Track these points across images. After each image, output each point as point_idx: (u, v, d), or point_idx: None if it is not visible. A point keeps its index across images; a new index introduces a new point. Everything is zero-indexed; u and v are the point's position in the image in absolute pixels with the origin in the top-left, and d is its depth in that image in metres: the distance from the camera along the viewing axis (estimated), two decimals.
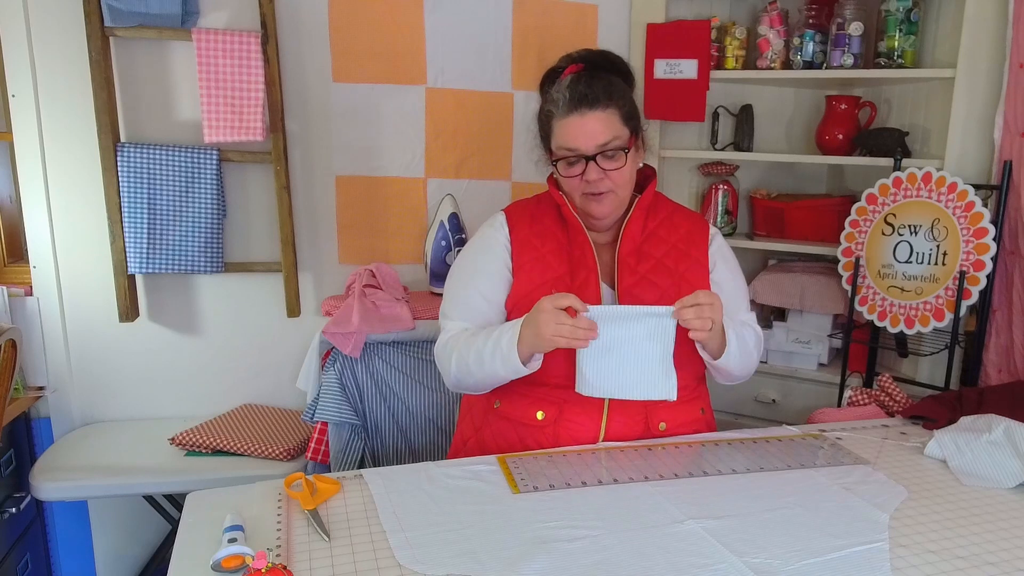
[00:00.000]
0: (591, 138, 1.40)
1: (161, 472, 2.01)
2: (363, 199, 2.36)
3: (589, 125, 1.40)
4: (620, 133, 1.42)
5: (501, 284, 1.51)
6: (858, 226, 2.17)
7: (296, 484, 1.24)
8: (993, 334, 2.01)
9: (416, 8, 2.29)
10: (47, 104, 2.11)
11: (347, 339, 1.94)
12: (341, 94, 2.28)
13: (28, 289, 2.18)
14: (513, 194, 2.45)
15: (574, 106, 1.40)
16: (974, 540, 1.14)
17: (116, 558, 2.37)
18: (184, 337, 2.33)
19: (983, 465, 1.37)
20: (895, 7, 2.15)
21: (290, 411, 2.35)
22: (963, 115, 2.04)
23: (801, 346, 2.39)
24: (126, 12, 2.02)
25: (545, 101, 1.49)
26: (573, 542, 1.11)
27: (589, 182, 1.42)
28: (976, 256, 1.94)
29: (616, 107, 1.42)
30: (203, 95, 2.08)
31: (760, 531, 1.15)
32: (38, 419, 2.25)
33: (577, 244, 1.51)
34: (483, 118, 2.40)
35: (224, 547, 1.05)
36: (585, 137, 1.40)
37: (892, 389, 1.81)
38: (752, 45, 2.42)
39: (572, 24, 2.42)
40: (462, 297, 1.52)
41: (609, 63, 1.49)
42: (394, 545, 1.09)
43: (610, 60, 1.50)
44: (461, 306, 1.51)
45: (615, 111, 1.42)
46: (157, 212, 2.13)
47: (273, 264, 2.26)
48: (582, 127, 1.40)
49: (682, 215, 1.59)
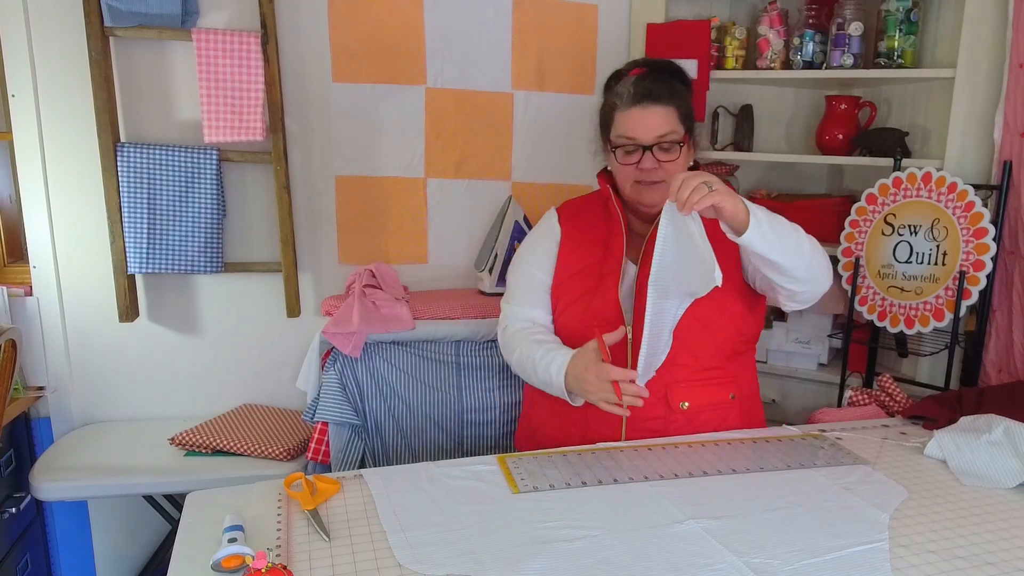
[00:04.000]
0: (650, 129, 1.50)
1: (161, 472, 2.01)
2: (363, 199, 2.36)
3: (649, 117, 1.50)
4: (677, 128, 1.52)
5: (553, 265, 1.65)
6: (858, 226, 2.17)
7: (296, 484, 1.24)
8: (993, 334, 2.01)
9: (416, 8, 2.29)
10: (47, 104, 2.11)
11: (347, 339, 1.94)
12: (341, 94, 2.28)
13: (28, 289, 2.18)
14: (513, 194, 2.44)
15: (637, 99, 1.51)
16: (974, 540, 1.14)
17: (116, 558, 2.37)
18: (184, 337, 2.33)
19: (983, 465, 1.37)
20: (895, 7, 2.15)
21: (290, 411, 2.35)
22: (963, 115, 2.04)
23: (801, 346, 2.39)
24: (126, 12, 2.02)
25: (609, 95, 1.60)
26: (573, 542, 1.11)
27: (643, 170, 1.52)
28: (976, 256, 1.94)
29: (675, 106, 1.52)
30: (203, 95, 2.08)
31: (760, 531, 1.15)
32: (38, 419, 2.25)
33: (615, 234, 1.60)
34: (483, 118, 2.40)
35: (224, 547, 1.05)
36: (645, 128, 1.50)
37: (892, 389, 1.81)
38: (752, 45, 2.42)
39: (572, 24, 2.42)
40: (521, 280, 1.68)
41: (671, 69, 1.60)
42: (394, 545, 1.10)
43: (672, 67, 1.61)
44: (525, 292, 1.66)
45: (674, 109, 1.52)
46: (157, 212, 2.13)
47: (273, 264, 2.26)
48: (643, 118, 1.50)
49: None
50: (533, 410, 1.70)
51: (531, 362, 1.54)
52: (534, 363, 1.52)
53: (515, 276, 1.71)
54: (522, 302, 1.66)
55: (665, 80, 1.55)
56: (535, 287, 1.65)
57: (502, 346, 1.69)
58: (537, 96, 2.43)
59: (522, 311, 1.65)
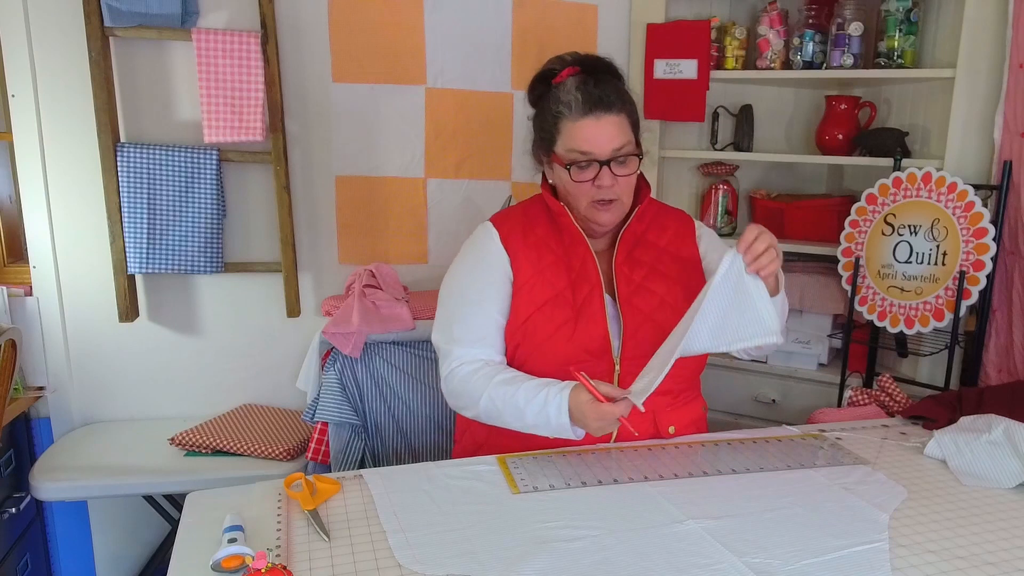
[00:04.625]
0: (607, 142, 1.37)
1: (161, 472, 2.01)
2: (363, 199, 2.36)
3: (605, 128, 1.36)
4: (631, 138, 1.40)
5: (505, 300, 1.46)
6: (858, 226, 2.17)
7: (296, 484, 1.24)
8: (993, 334, 2.01)
9: (416, 8, 2.29)
10: (47, 104, 2.11)
11: (347, 339, 1.94)
12: (341, 94, 2.28)
13: (28, 289, 2.18)
14: (513, 194, 2.45)
15: (589, 108, 1.36)
16: (974, 540, 1.14)
17: (116, 558, 2.37)
18: (184, 337, 2.33)
19: (983, 465, 1.37)
20: (895, 7, 2.15)
21: (290, 411, 2.35)
22: (963, 115, 2.04)
23: (801, 346, 2.39)
24: (126, 12, 2.02)
25: (549, 102, 1.42)
26: (573, 542, 1.11)
27: (601, 188, 1.38)
28: (976, 256, 1.94)
29: (627, 112, 1.40)
30: (203, 95, 2.08)
31: (760, 531, 1.15)
32: (38, 419, 2.25)
33: (576, 255, 1.46)
34: (483, 118, 2.40)
35: (224, 547, 1.05)
36: (601, 140, 1.36)
37: (892, 389, 1.81)
38: (752, 45, 2.42)
39: (572, 24, 2.42)
40: (473, 320, 1.45)
41: (605, 67, 1.44)
42: (394, 545, 1.10)
43: (605, 64, 1.45)
44: (475, 329, 1.44)
45: (626, 116, 1.40)
46: (157, 212, 2.13)
47: (273, 264, 2.26)
48: (598, 130, 1.36)
49: (667, 215, 1.57)
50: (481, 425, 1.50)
51: (511, 407, 1.35)
52: (517, 408, 1.34)
53: (456, 312, 1.46)
54: (471, 342, 1.44)
55: (610, 82, 1.41)
56: (484, 324, 1.45)
57: (451, 392, 1.45)
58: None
59: (473, 351, 1.44)
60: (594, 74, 1.42)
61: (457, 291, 1.49)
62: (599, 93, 1.37)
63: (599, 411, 1.26)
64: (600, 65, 1.44)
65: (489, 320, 1.45)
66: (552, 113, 1.41)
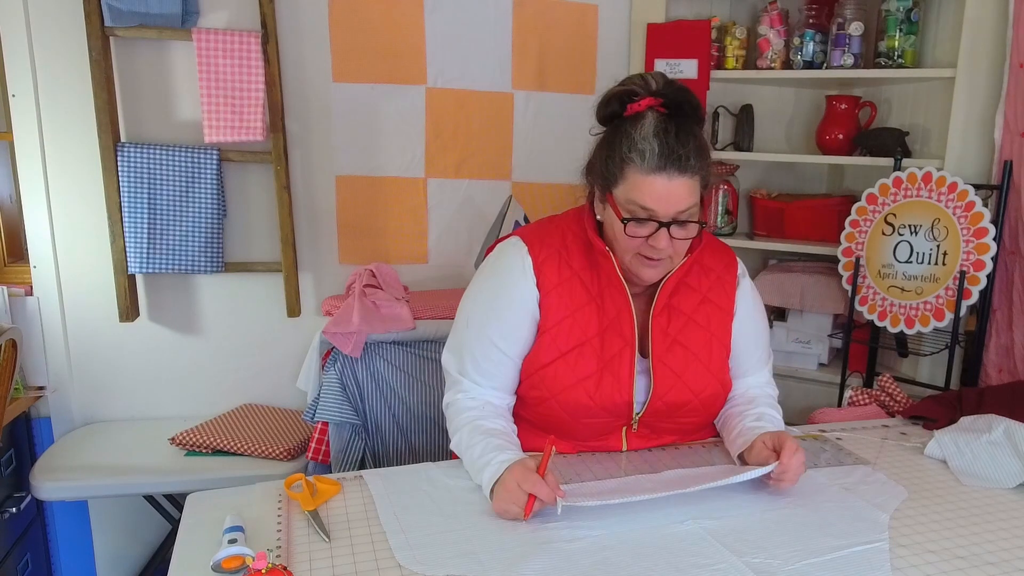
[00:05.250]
0: (673, 205, 1.23)
1: (161, 472, 2.01)
2: (363, 199, 2.36)
3: (675, 191, 1.23)
4: (697, 201, 1.27)
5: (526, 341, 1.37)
6: (858, 226, 2.17)
7: (296, 485, 1.24)
8: (993, 334, 2.01)
9: (416, 8, 2.29)
10: (47, 104, 2.11)
11: (347, 339, 1.94)
12: (341, 94, 2.28)
13: (28, 289, 2.18)
14: (513, 194, 2.45)
15: (663, 165, 1.22)
16: (974, 540, 1.15)
17: (116, 558, 2.37)
18: (184, 337, 2.33)
19: (983, 465, 1.37)
20: (895, 7, 2.15)
21: (290, 411, 2.35)
22: (963, 115, 2.04)
23: (801, 346, 2.39)
24: (126, 12, 2.02)
25: (620, 136, 1.26)
26: (573, 542, 1.11)
27: (654, 247, 1.27)
28: (976, 256, 1.94)
29: (700, 174, 1.25)
30: (203, 95, 2.08)
31: (760, 531, 1.15)
32: (38, 419, 2.25)
33: (613, 302, 1.35)
34: (483, 118, 2.40)
35: (224, 548, 1.05)
36: (667, 203, 1.23)
37: (892, 389, 1.81)
38: (752, 45, 2.42)
39: (572, 24, 2.42)
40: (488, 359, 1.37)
41: (692, 110, 1.28)
42: (394, 546, 1.10)
43: (692, 106, 1.28)
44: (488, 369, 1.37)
45: (699, 178, 1.25)
46: (157, 212, 2.13)
47: (273, 264, 2.26)
48: (668, 191, 1.23)
49: (712, 254, 1.43)
50: None
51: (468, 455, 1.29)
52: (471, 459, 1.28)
53: (472, 345, 1.37)
54: (480, 382, 1.37)
55: (692, 132, 1.25)
56: (498, 365, 1.37)
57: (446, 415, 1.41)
58: (537, 96, 2.43)
59: (480, 391, 1.37)
60: (676, 117, 1.26)
61: (476, 321, 1.38)
62: (679, 150, 1.22)
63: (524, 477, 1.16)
64: (685, 106, 1.27)
65: (504, 360, 1.37)
66: (621, 154, 1.26)
